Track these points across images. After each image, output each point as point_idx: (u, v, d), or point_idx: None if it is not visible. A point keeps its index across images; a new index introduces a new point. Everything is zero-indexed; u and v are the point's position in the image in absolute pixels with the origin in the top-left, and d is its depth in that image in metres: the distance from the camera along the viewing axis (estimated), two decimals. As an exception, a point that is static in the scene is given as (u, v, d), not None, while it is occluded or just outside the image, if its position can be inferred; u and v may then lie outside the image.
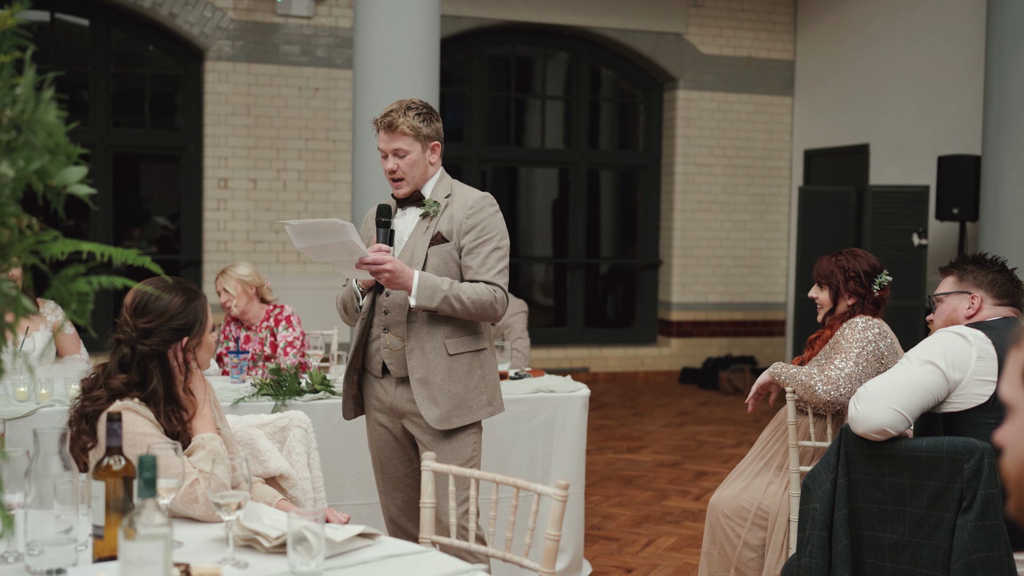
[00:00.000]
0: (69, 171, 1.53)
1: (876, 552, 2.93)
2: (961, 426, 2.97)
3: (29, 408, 3.77)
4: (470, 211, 3.35)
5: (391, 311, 3.37)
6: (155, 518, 1.77)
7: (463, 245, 3.34)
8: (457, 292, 3.25)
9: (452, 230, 3.34)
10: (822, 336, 3.77)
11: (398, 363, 3.37)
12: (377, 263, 3.17)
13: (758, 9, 10.58)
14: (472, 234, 3.34)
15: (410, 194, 3.39)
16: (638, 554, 5.00)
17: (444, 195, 3.40)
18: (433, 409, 3.31)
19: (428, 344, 3.32)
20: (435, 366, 3.32)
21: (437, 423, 3.31)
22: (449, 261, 3.34)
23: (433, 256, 3.33)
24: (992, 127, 7.17)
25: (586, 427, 4.51)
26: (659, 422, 8.31)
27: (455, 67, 10.10)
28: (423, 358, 3.32)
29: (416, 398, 3.32)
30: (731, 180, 10.62)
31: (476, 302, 3.27)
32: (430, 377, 3.32)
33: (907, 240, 8.27)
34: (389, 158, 3.35)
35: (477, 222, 3.34)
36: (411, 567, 2.21)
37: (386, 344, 3.38)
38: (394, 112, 3.33)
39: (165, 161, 9.68)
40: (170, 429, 2.59)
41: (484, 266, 3.32)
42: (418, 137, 3.33)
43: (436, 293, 3.23)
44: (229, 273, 5.07)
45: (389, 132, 3.32)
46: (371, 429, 3.53)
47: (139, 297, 2.63)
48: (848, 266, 3.73)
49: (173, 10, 8.84)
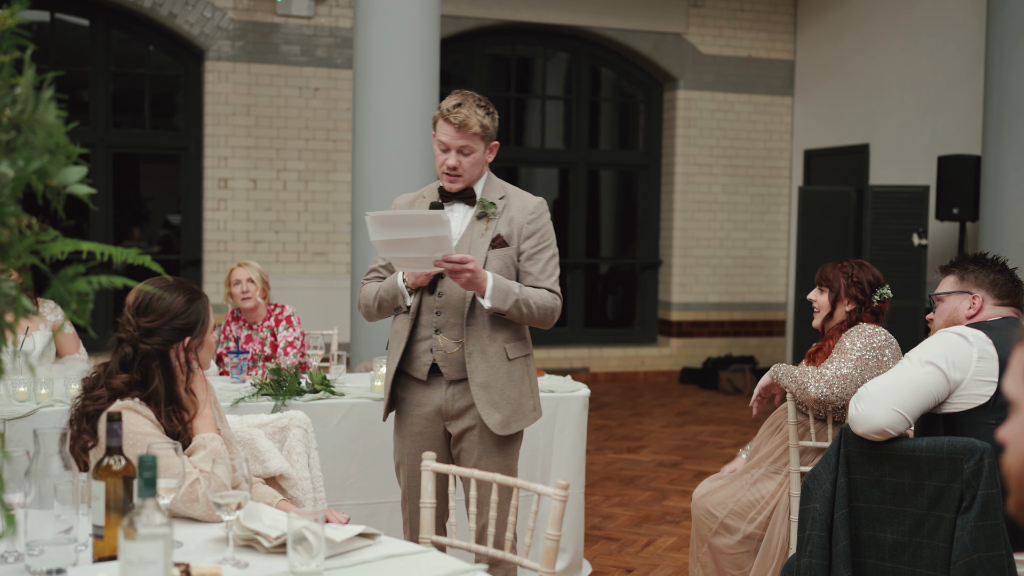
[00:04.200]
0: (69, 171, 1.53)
1: (876, 552, 2.93)
2: (961, 426, 2.97)
3: (29, 408, 3.77)
4: (531, 216, 3.30)
5: (443, 312, 3.28)
6: (155, 518, 1.77)
7: (523, 250, 3.29)
8: (525, 297, 3.21)
9: (512, 234, 3.28)
10: (823, 348, 3.76)
11: (452, 366, 3.28)
12: (463, 262, 3.07)
13: (758, 9, 10.58)
14: (533, 240, 3.29)
15: (462, 190, 3.30)
16: (638, 554, 5.00)
17: (497, 196, 3.33)
18: (495, 414, 3.25)
19: (490, 348, 3.25)
20: (497, 371, 3.26)
21: (499, 428, 3.26)
22: (510, 265, 3.28)
23: (494, 259, 3.25)
24: (992, 127, 7.17)
25: (586, 427, 4.51)
26: (659, 422, 8.31)
27: (455, 67, 10.10)
28: (484, 362, 3.25)
29: (477, 403, 3.24)
30: (731, 180, 10.62)
31: (541, 308, 3.24)
32: (492, 382, 3.26)
33: (907, 240, 8.27)
34: (452, 153, 3.23)
35: (538, 228, 3.30)
36: (411, 567, 2.21)
37: (439, 346, 3.28)
38: (464, 108, 3.21)
39: (165, 161, 9.68)
40: (171, 429, 2.59)
41: (544, 272, 3.29)
42: (484, 136, 3.26)
43: (508, 296, 3.17)
44: (252, 264, 5.12)
45: (460, 129, 3.20)
46: (405, 434, 3.38)
47: (141, 296, 2.63)
48: (852, 273, 3.74)
49: (173, 10, 8.84)
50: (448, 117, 3.22)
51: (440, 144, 3.26)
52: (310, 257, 9.24)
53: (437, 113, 3.28)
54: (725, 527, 3.71)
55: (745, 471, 3.83)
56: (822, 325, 3.81)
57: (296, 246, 9.19)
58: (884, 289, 3.75)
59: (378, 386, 4.27)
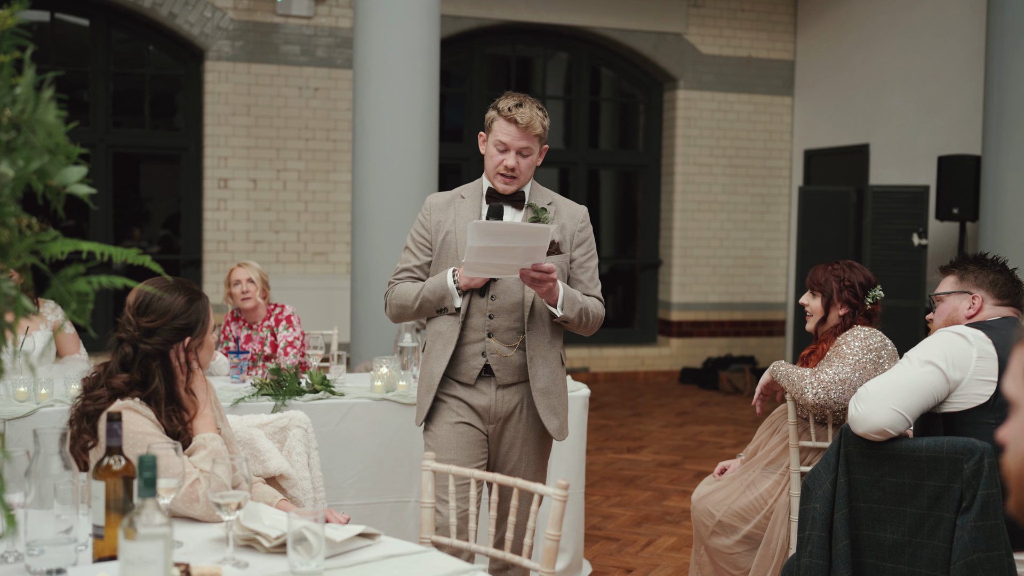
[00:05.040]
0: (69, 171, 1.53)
1: (876, 552, 2.93)
2: (961, 426, 2.97)
3: (29, 408, 3.77)
4: (581, 224, 3.32)
5: (497, 316, 3.25)
6: (155, 518, 1.77)
7: (574, 258, 3.31)
8: (585, 305, 3.24)
9: (564, 241, 3.29)
10: (816, 351, 3.76)
11: (508, 369, 3.26)
12: (550, 271, 3.07)
13: (758, 9, 10.58)
14: (583, 248, 3.32)
15: (514, 192, 3.28)
16: (638, 554, 5.00)
17: (546, 202, 3.31)
18: (554, 420, 3.29)
19: (550, 354, 3.29)
20: (556, 376, 3.31)
21: (557, 434, 3.31)
22: (564, 272, 3.29)
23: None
24: (992, 127, 7.17)
25: (586, 427, 4.51)
26: (659, 422, 8.31)
27: (455, 67, 10.10)
28: (545, 367, 3.27)
29: (539, 408, 3.26)
30: (731, 180, 10.62)
31: (595, 316, 3.29)
32: (551, 388, 3.28)
33: (907, 240, 8.27)
34: (511, 154, 3.19)
35: (587, 236, 3.33)
36: (411, 567, 2.21)
37: (493, 349, 3.25)
38: (527, 108, 3.17)
39: (165, 161, 9.69)
40: (171, 429, 2.59)
41: (593, 281, 3.32)
42: (542, 139, 3.26)
43: (575, 305, 3.20)
44: (251, 264, 5.13)
45: (524, 130, 3.17)
46: (443, 435, 3.28)
47: (142, 296, 2.63)
48: (844, 276, 3.72)
49: (173, 10, 8.84)
50: (513, 117, 3.17)
51: (499, 144, 3.20)
52: (310, 257, 9.24)
53: (494, 112, 3.23)
54: (723, 527, 3.71)
55: (743, 472, 3.83)
56: (815, 329, 3.80)
57: (296, 246, 9.19)
58: (876, 290, 3.74)
59: (378, 386, 4.27)
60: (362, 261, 6.13)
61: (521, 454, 3.31)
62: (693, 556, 3.88)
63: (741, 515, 3.70)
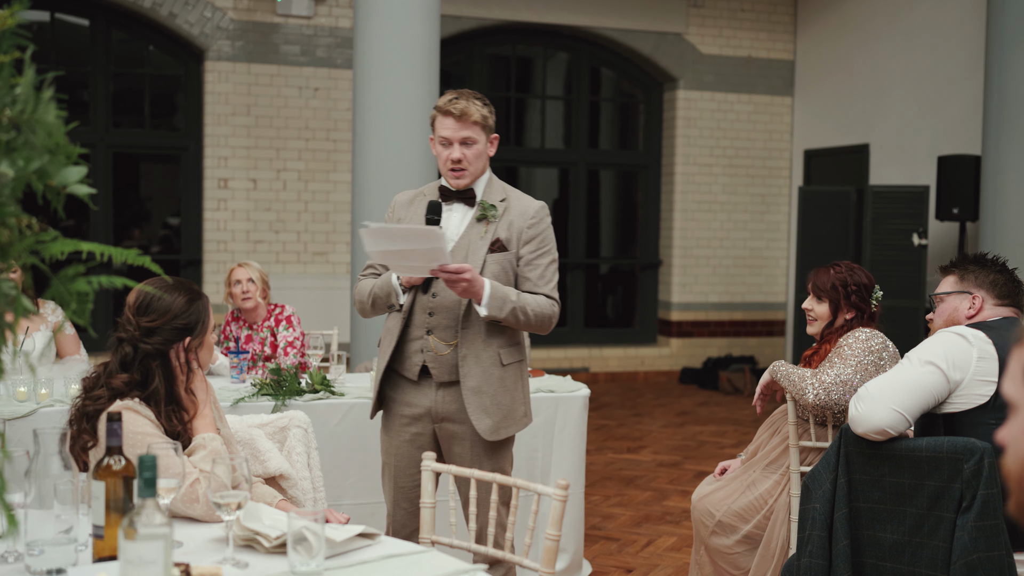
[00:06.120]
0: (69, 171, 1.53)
1: (876, 552, 2.93)
2: (961, 426, 2.97)
3: (29, 408, 3.77)
4: (531, 221, 3.27)
5: (436, 313, 3.25)
6: (155, 518, 1.77)
7: (522, 255, 3.26)
8: (523, 304, 3.18)
9: (512, 239, 3.25)
10: (819, 352, 3.75)
11: (443, 368, 3.25)
12: (459, 271, 3.04)
13: (758, 9, 10.58)
14: (532, 245, 3.26)
15: (467, 186, 3.28)
16: (638, 554, 5.00)
17: (499, 199, 3.30)
18: (485, 420, 3.22)
19: (484, 353, 3.22)
20: (490, 376, 3.23)
21: (488, 434, 3.23)
22: (508, 270, 3.25)
23: (493, 264, 3.22)
24: (992, 127, 7.17)
25: (586, 427, 4.51)
26: (659, 422, 8.31)
27: (455, 67, 10.10)
28: (478, 366, 3.22)
29: (468, 407, 3.21)
30: (731, 180, 10.62)
31: (538, 315, 3.21)
32: (484, 387, 3.22)
33: (907, 240, 8.27)
34: (455, 147, 3.21)
35: (538, 233, 3.27)
36: (411, 567, 2.21)
37: (430, 347, 3.25)
38: (462, 99, 3.21)
39: (165, 161, 9.68)
40: (170, 429, 2.59)
41: (543, 279, 3.26)
42: (485, 127, 3.24)
43: (506, 304, 3.15)
44: (252, 264, 5.13)
45: (460, 120, 3.19)
46: (393, 434, 3.36)
47: (142, 296, 2.63)
48: (850, 280, 3.70)
49: (173, 10, 8.84)
50: (447, 109, 3.21)
51: (441, 140, 3.24)
52: (310, 257, 9.24)
53: (434, 112, 3.27)
54: (723, 527, 3.71)
55: (744, 472, 3.83)
56: (820, 332, 3.78)
57: (296, 246, 9.19)
58: (877, 292, 3.74)
59: (378, 386, 4.27)
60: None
61: (471, 456, 3.26)
62: (693, 556, 3.88)
63: (741, 515, 3.70)
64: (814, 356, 3.77)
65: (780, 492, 3.69)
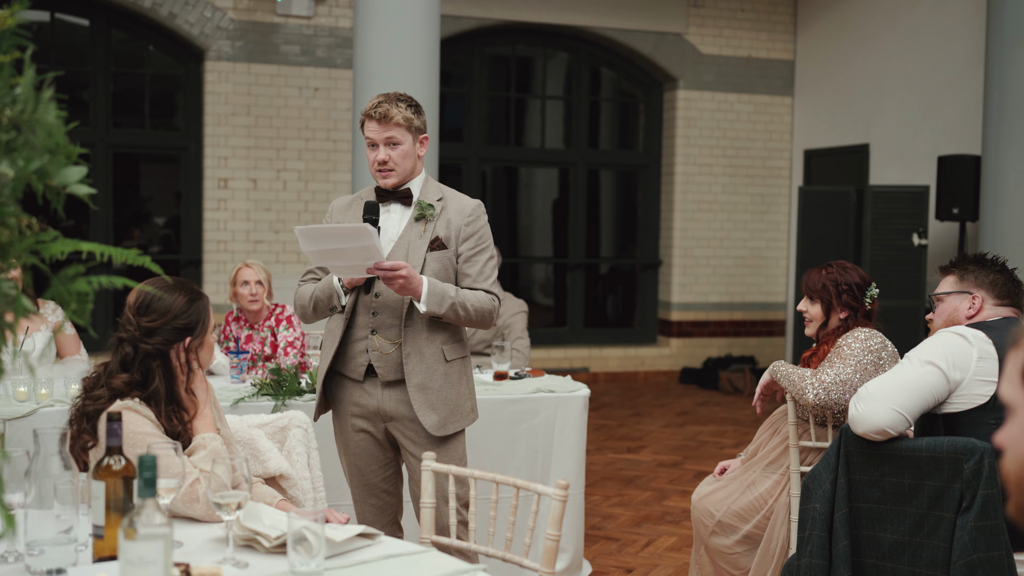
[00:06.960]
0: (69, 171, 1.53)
1: (876, 552, 2.93)
2: (961, 426, 2.97)
3: (29, 408, 3.77)
4: (468, 219, 3.35)
5: (380, 312, 3.31)
6: (155, 518, 1.77)
7: (461, 252, 3.34)
8: (462, 299, 3.25)
9: (450, 237, 3.33)
10: (818, 353, 3.75)
11: (388, 366, 3.31)
12: (395, 269, 3.11)
13: (758, 9, 10.58)
14: (471, 242, 3.34)
15: (397, 186, 3.35)
16: (638, 554, 5.00)
17: (435, 198, 3.37)
18: (431, 415, 3.29)
19: (427, 350, 3.29)
20: (434, 372, 3.30)
21: (435, 429, 3.29)
22: (448, 267, 3.32)
23: (433, 262, 3.30)
24: (992, 127, 7.17)
25: (586, 427, 4.51)
26: (659, 422, 8.31)
27: (455, 67, 10.10)
28: (421, 363, 3.28)
29: (414, 404, 3.28)
30: (731, 180, 10.62)
31: (478, 310, 3.28)
32: (428, 383, 3.29)
33: (907, 240, 8.27)
34: (380, 148, 3.31)
35: (475, 230, 3.35)
36: (411, 567, 2.21)
37: (375, 347, 3.32)
38: (385, 103, 3.31)
39: (165, 161, 9.68)
40: (171, 429, 2.59)
41: (482, 275, 3.34)
42: (410, 128, 3.32)
43: (444, 300, 3.22)
44: (258, 265, 5.14)
45: (383, 123, 3.29)
46: (346, 435, 3.43)
47: (142, 296, 2.63)
48: (840, 279, 3.70)
49: (173, 10, 8.84)
50: (369, 113, 3.31)
51: (369, 142, 3.34)
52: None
53: (362, 116, 3.36)
54: (723, 527, 3.71)
55: (744, 472, 3.83)
56: (816, 333, 3.79)
57: (296, 246, 9.19)
58: (872, 289, 3.73)
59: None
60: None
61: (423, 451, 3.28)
62: (693, 556, 3.88)
63: (741, 515, 3.70)
64: (812, 357, 3.77)
65: (780, 492, 3.69)
